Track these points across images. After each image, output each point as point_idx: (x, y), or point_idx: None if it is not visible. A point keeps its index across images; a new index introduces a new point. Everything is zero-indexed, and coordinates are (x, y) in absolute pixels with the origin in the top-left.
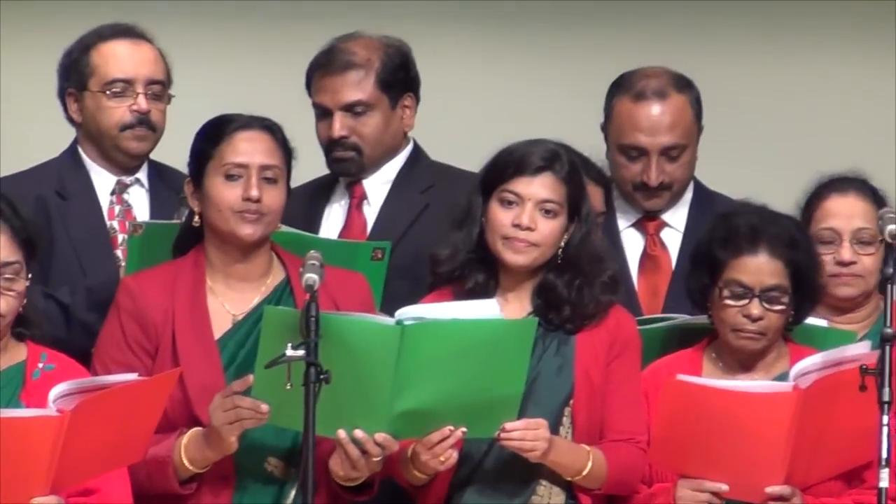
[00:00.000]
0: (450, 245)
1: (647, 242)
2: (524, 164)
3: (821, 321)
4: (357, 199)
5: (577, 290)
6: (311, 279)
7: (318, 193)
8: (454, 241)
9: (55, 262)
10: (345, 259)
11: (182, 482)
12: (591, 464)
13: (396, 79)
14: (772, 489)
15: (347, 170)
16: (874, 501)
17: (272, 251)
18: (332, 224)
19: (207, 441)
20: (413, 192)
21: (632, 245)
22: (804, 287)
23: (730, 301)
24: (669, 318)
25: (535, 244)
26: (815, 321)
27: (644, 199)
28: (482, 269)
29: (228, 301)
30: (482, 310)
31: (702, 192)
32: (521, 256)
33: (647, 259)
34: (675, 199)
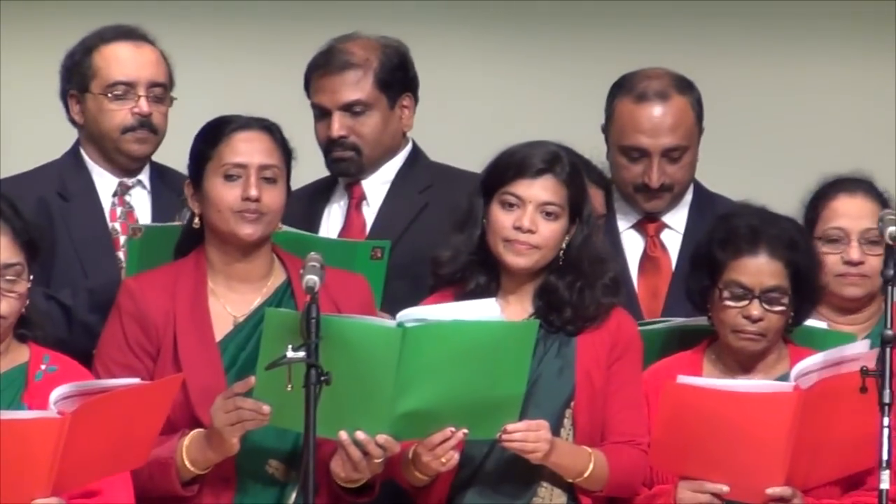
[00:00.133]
0: (451, 247)
1: (648, 244)
2: (525, 167)
3: (821, 323)
4: (356, 200)
5: (579, 292)
6: (312, 281)
7: (317, 195)
8: (455, 243)
9: (57, 264)
10: (344, 258)
11: (184, 484)
12: (593, 465)
13: (395, 79)
14: (772, 490)
15: (346, 170)
16: (875, 503)
17: (273, 252)
18: (332, 225)
19: (209, 442)
20: (412, 192)
21: (632, 246)
22: (804, 288)
23: (730, 302)
24: (668, 322)
25: (537, 246)
26: (815, 323)
27: (645, 201)
28: (483, 271)
29: (229, 303)
30: (482, 309)
31: (702, 194)
32: (523, 259)
33: (647, 260)
34: (676, 201)
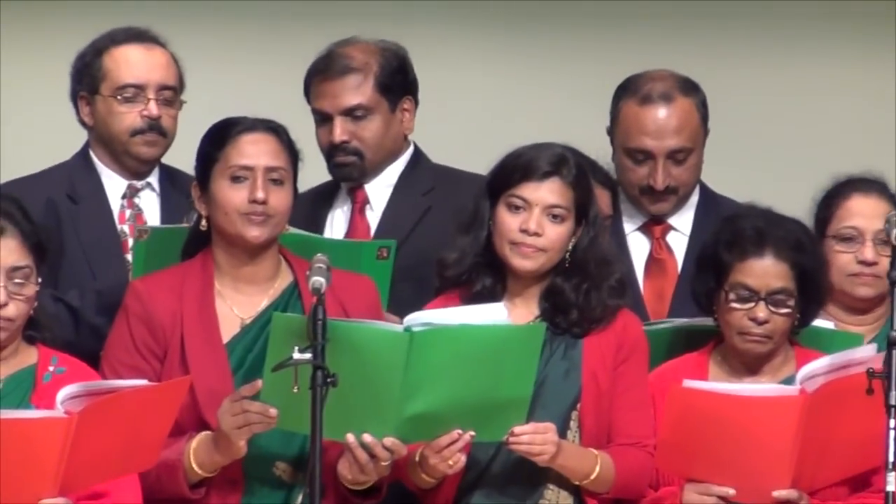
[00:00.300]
0: (457, 249)
1: (653, 246)
2: (531, 169)
3: (827, 323)
4: (359, 204)
5: (585, 294)
6: (318, 282)
7: (321, 200)
8: (461, 245)
9: (65, 266)
10: (350, 259)
11: (191, 486)
12: (599, 468)
13: (395, 82)
14: (779, 493)
15: (349, 175)
16: None
17: (280, 254)
18: (336, 229)
19: (216, 445)
20: (415, 195)
21: (638, 248)
22: (810, 290)
23: (735, 304)
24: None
25: (543, 249)
26: (822, 323)
27: (650, 203)
28: (489, 273)
29: (237, 305)
30: (490, 314)
31: (708, 196)
32: (529, 262)
33: (653, 262)
34: (681, 203)
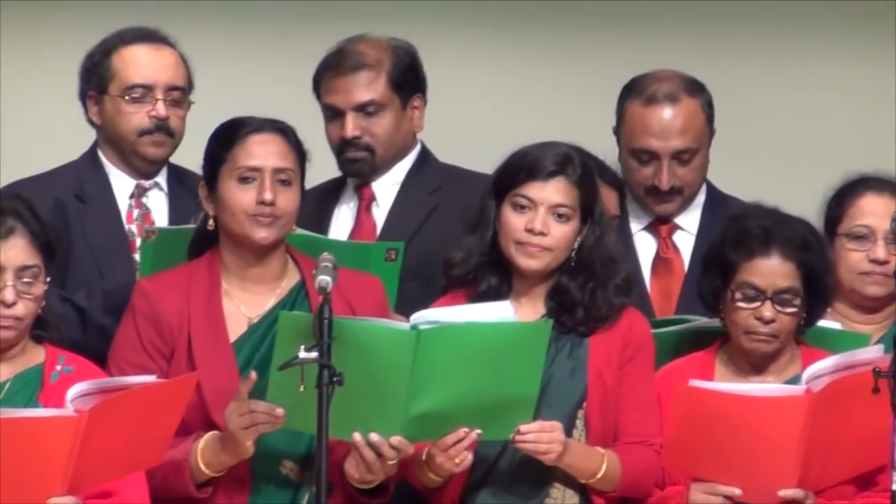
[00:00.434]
0: (463, 248)
1: (660, 245)
2: (536, 169)
3: (834, 323)
4: (366, 201)
5: (591, 293)
6: (325, 281)
7: (327, 196)
8: (467, 245)
9: (73, 266)
10: (358, 260)
11: (198, 486)
12: (606, 466)
13: (407, 79)
14: (785, 492)
15: (360, 170)
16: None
17: (287, 253)
18: (342, 226)
19: (223, 445)
20: (422, 194)
21: (644, 248)
22: (816, 289)
23: (742, 303)
24: (682, 320)
25: (549, 249)
26: (829, 324)
27: (655, 204)
28: (495, 273)
29: (244, 304)
30: (496, 312)
31: (714, 196)
32: (535, 261)
33: (660, 262)
34: (687, 203)
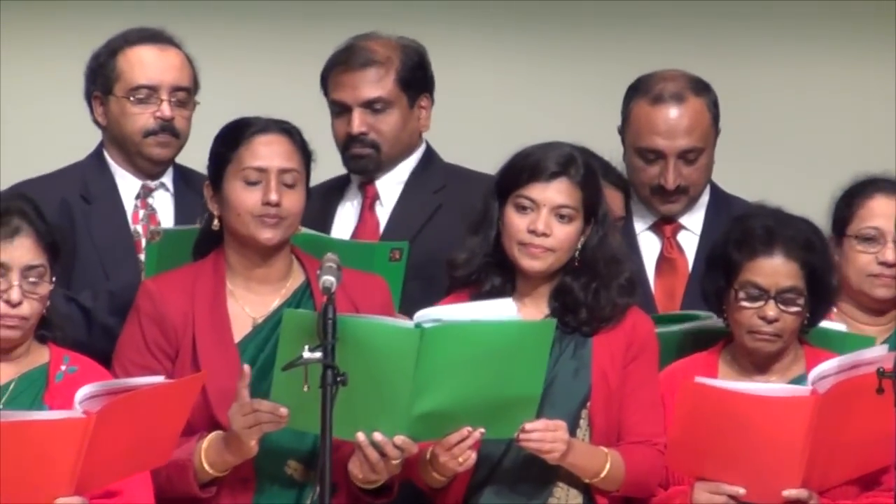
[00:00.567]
0: (466, 249)
1: (664, 245)
2: (539, 170)
3: (839, 325)
4: (370, 200)
5: (594, 293)
6: (329, 281)
7: (330, 194)
8: (471, 245)
9: (78, 266)
10: (362, 260)
11: (202, 486)
12: (609, 466)
13: (415, 78)
14: (789, 492)
15: (365, 167)
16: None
17: (292, 254)
18: (345, 224)
19: (227, 445)
20: (426, 193)
21: (648, 248)
22: (819, 289)
23: (745, 303)
24: (687, 315)
25: (551, 249)
26: (834, 325)
27: (660, 203)
28: (499, 273)
29: (248, 304)
30: (499, 309)
31: (718, 196)
32: (538, 262)
33: (664, 262)
34: (692, 203)
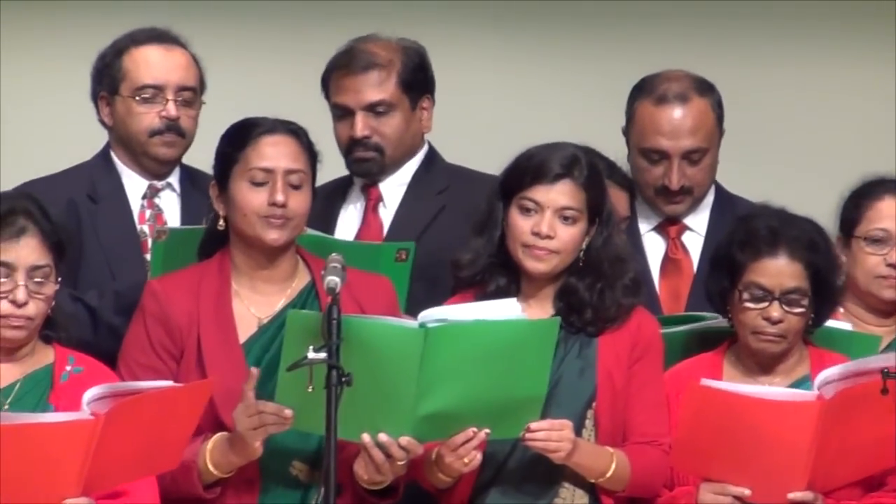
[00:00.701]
0: (471, 249)
1: (669, 246)
2: (542, 172)
3: (845, 324)
4: (373, 202)
5: (599, 294)
6: (333, 282)
7: (333, 196)
8: (475, 246)
9: (84, 266)
10: (368, 261)
11: (206, 486)
12: (615, 466)
13: (416, 80)
14: (794, 495)
15: (368, 170)
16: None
17: (297, 254)
18: (348, 226)
19: (232, 446)
20: (429, 194)
21: (653, 249)
22: (824, 290)
23: (749, 304)
24: (693, 317)
25: (555, 251)
26: (839, 324)
27: (665, 204)
28: (503, 273)
29: (254, 305)
30: (503, 309)
31: (723, 196)
32: (542, 264)
33: (669, 263)
34: (696, 204)
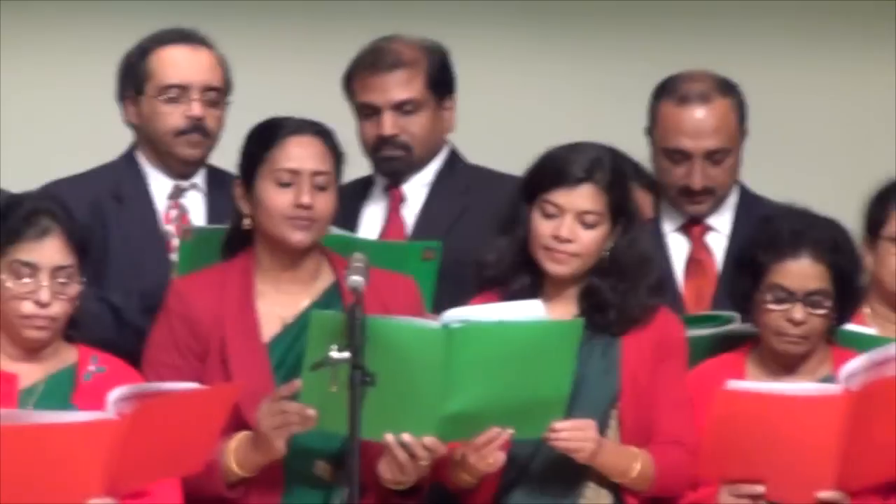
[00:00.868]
0: (495, 249)
1: (693, 247)
2: (564, 175)
3: (869, 329)
4: (396, 202)
5: (623, 295)
6: (356, 281)
7: (355, 196)
8: (499, 246)
9: (109, 266)
10: (395, 260)
11: (230, 486)
12: (639, 466)
13: (441, 79)
14: (823, 495)
15: (396, 168)
16: None
17: (322, 254)
18: (371, 226)
19: (255, 446)
20: (452, 194)
21: (677, 249)
22: (846, 290)
23: (772, 305)
24: (717, 316)
25: (576, 255)
26: (862, 329)
27: (687, 204)
28: (528, 273)
29: (278, 304)
30: (527, 310)
31: (747, 197)
32: (562, 267)
33: (693, 263)
34: (719, 204)
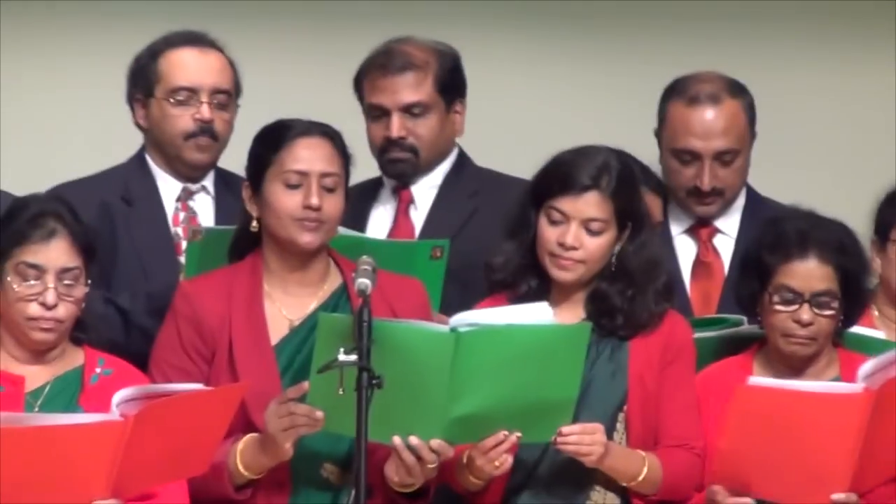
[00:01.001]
0: (504, 252)
1: (700, 249)
2: (569, 183)
3: (877, 333)
4: (404, 204)
5: (630, 300)
6: (364, 284)
7: (363, 197)
8: (507, 249)
9: (118, 268)
10: (403, 259)
11: (237, 488)
12: (647, 469)
13: (451, 82)
14: (837, 496)
15: (403, 171)
16: None
17: (329, 256)
18: (379, 228)
19: (263, 448)
20: (461, 197)
21: (685, 251)
22: (853, 292)
23: (780, 307)
24: (723, 319)
25: (581, 261)
26: (870, 332)
27: (696, 205)
28: (535, 276)
29: (286, 306)
30: (535, 313)
31: (754, 199)
32: (568, 273)
33: (700, 265)
34: (728, 206)
